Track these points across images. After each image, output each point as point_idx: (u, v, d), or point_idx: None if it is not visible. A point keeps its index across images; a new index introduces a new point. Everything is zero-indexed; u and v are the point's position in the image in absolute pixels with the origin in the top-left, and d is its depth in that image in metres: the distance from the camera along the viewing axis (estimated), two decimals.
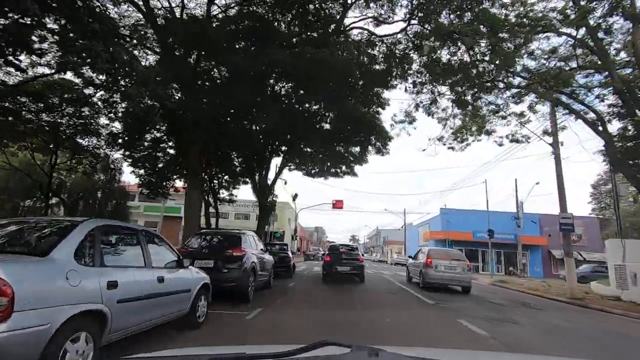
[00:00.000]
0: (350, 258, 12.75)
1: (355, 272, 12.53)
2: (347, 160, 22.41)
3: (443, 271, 11.38)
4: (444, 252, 12.69)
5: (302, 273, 16.73)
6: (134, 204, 36.50)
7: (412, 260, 14.31)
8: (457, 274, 11.43)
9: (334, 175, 23.46)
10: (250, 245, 8.22)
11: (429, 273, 11.40)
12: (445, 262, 11.53)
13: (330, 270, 12.53)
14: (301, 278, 13.91)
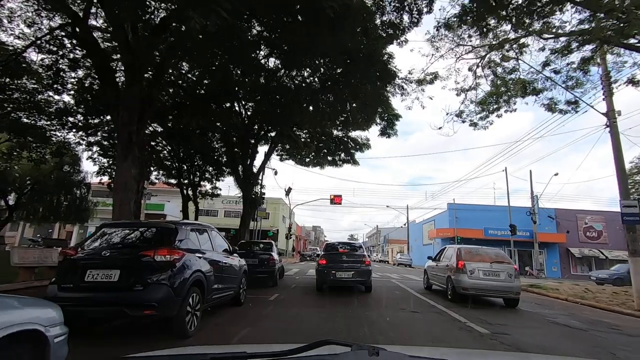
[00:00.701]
0: (353, 260, 9.52)
1: (359, 279, 9.33)
2: (347, 145, 19.43)
3: (482, 278, 8.42)
4: (482, 251, 9.42)
5: (293, 278, 13.68)
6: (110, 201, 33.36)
7: (432, 263, 11.15)
8: (501, 281, 8.41)
9: (331, 164, 20.46)
10: (195, 243, 5.17)
11: (462, 280, 8.45)
12: (484, 266, 8.56)
13: (325, 277, 9.32)
14: (289, 286, 10.87)
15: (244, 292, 7.22)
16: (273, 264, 10.31)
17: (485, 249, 9.70)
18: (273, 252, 10.91)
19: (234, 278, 6.55)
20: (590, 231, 32.02)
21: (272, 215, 36.65)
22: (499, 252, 9.75)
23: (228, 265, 6.26)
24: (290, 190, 27.90)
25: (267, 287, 10.09)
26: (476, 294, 8.49)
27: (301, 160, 20.89)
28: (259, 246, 11.62)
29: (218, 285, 5.63)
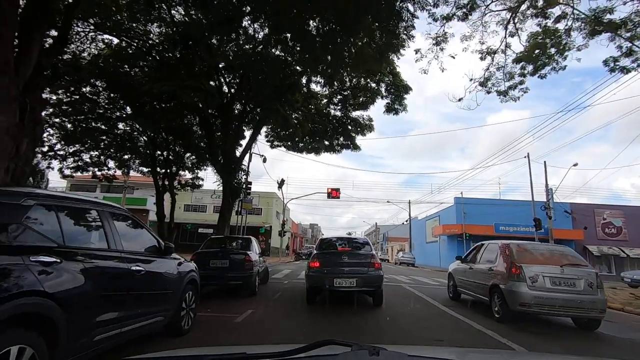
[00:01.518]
0: (357, 263, 6.88)
1: (366, 288, 6.75)
2: (346, 128, 16.83)
3: (549, 288, 5.75)
4: (543, 250, 6.76)
5: (280, 283, 11.07)
6: (90, 195, 30.62)
7: (461, 265, 8.36)
8: (579, 293, 5.73)
9: (329, 150, 17.85)
10: (51, 235, 2.55)
11: (519, 292, 5.77)
12: (553, 271, 5.89)
13: (319, 285, 6.73)
14: (272, 296, 8.27)
15: (189, 313, 4.62)
16: (250, 267, 7.68)
17: (547, 246, 6.94)
18: (251, 250, 8.28)
19: (163, 295, 3.97)
20: (609, 227, 29.62)
21: (265, 211, 34.02)
22: (567, 250, 6.87)
23: (149, 275, 3.65)
24: (284, 182, 25.28)
25: (241, 297, 7.51)
26: (542, 312, 5.83)
27: (294, 146, 18.29)
28: (233, 243, 8.99)
29: (116, 314, 3.04)
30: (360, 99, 16.03)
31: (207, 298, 7.42)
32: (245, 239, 8.98)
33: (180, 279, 4.38)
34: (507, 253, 6.46)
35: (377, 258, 7.16)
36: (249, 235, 9.73)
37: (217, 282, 7.66)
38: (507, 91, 11.36)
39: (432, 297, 8.75)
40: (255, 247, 8.75)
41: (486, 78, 11.57)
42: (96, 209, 3.30)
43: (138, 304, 3.44)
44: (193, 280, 4.78)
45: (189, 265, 4.78)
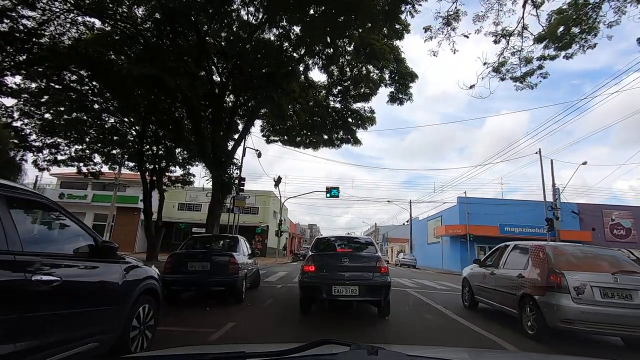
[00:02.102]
0: (360, 267, 5.86)
1: (372, 297, 5.68)
2: (346, 121, 15.78)
3: (600, 302, 4.60)
4: (588, 253, 5.56)
5: (273, 288, 10.01)
6: (80, 192, 29.55)
7: (479, 269, 7.27)
8: (636, 308, 4.53)
9: (327, 144, 16.80)
10: None
11: (562, 305, 4.65)
12: (603, 279, 4.72)
13: (316, 292, 5.71)
14: (261, 304, 7.22)
15: (145, 332, 3.56)
16: (235, 271, 6.61)
17: (593, 249, 5.76)
18: (237, 251, 7.21)
19: (99, 313, 2.90)
20: (617, 228, 28.62)
21: (261, 210, 32.92)
22: (619, 254, 5.83)
23: (71, 287, 2.59)
24: (280, 180, 24.22)
25: (225, 306, 6.45)
26: (589, 330, 4.63)
27: (291, 140, 17.23)
28: (217, 243, 7.93)
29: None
30: (362, 90, 15.02)
31: (183, 307, 6.37)
32: (232, 238, 7.90)
33: (128, 289, 3.31)
34: (541, 257, 5.36)
35: (383, 261, 6.08)
36: (236, 235, 8.66)
37: (197, 288, 6.60)
38: (524, 77, 10.34)
39: (444, 306, 7.68)
40: (242, 248, 7.68)
41: (500, 63, 10.54)
42: None
43: (47, 329, 2.37)
44: (151, 289, 3.71)
45: (145, 271, 3.70)
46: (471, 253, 27.82)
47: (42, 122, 13.42)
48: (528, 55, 10.29)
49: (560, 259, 5.23)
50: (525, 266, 5.65)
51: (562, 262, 5.14)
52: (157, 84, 10.28)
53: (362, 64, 13.92)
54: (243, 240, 8.33)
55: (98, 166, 18.32)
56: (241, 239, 8.15)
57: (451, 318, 6.44)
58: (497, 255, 6.87)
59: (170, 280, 6.41)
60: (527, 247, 5.98)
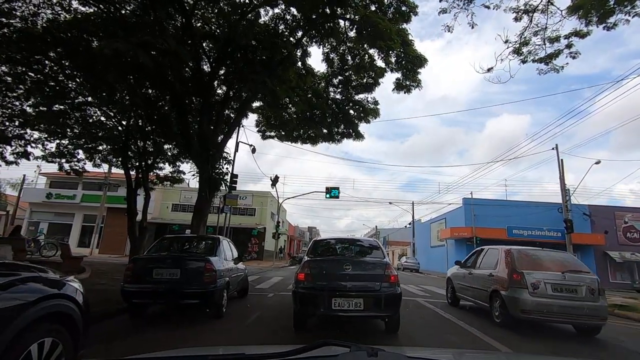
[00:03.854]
0: (365, 275, 4.90)
1: (380, 313, 4.68)
2: (347, 113, 14.58)
3: (551, 295, 5.74)
4: (544, 256, 6.61)
5: (263, 297, 8.76)
6: (69, 192, 28.31)
7: (460, 270, 8.39)
8: (580, 300, 5.71)
9: (327, 139, 15.59)
10: None
11: (521, 298, 5.76)
12: (554, 277, 5.88)
13: (312, 305, 4.69)
14: (245, 318, 5.97)
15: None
16: (211, 279, 5.35)
17: (548, 252, 6.88)
18: (216, 255, 5.95)
19: None
20: (631, 232, 27.34)
21: (258, 211, 31.64)
22: (569, 256, 7.28)
23: None
24: (277, 179, 22.99)
25: (198, 323, 5.20)
26: (542, 319, 5.77)
27: (288, 135, 16.02)
28: (192, 245, 6.68)
29: None
30: (364, 80, 13.85)
31: (144, 326, 5.12)
32: (212, 239, 6.61)
33: (7, 317, 2.07)
34: (508, 259, 6.44)
35: (393, 269, 5.03)
36: (218, 235, 7.40)
37: (163, 301, 5.36)
38: (549, 58, 9.14)
39: (468, 323, 6.41)
40: (224, 251, 6.42)
41: (522, 42, 9.36)
42: None
43: None
44: (59, 315, 2.47)
45: (49, 286, 2.47)
46: None
47: (10, 110, 12.19)
48: (553, 34, 9.14)
49: (522, 261, 6.27)
50: (495, 267, 6.69)
51: (523, 263, 6.19)
52: (133, 65, 9.07)
53: (364, 52, 12.79)
54: (227, 242, 7.09)
55: (82, 163, 17.19)
56: (224, 240, 6.90)
57: (463, 329, 5.17)
58: (474, 258, 7.93)
59: (131, 291, 5.18)
60: (498, 250, 6.97)
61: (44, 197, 27.64)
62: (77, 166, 17.12)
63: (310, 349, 1.07)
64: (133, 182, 15.28)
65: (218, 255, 5.97)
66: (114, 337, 4.40)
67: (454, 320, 6.47)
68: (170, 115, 13.16)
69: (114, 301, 5.94)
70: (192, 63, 11.13)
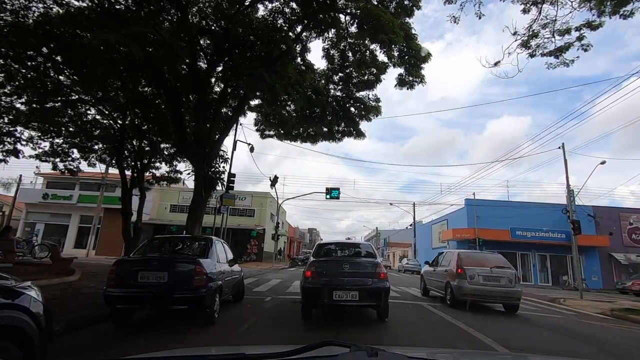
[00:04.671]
0: (360, 272, 6.01)
1: (371, 302, 5.95)
2: (348, 111, 14.20)
3: (482, 284, 8.29)
4: (481, 257, 9.73)
5: (260, 301, 8.34)
6: (65, 193, 27.92)
7: (429, 268, 10.88)
8: (501, 286, 8.31)
9: (327, 137, 15.20)
10: None
11: (462, 286, 8.27)
12: (484, 271, 8.45)
13: (317, 296, 5.79)
14: (238, 326, 5.57)
15: None
16: (202, 284, 4.95)
17: (485, 254, 10.42)
18: (208, 257, 5.55)
19: None
20: (636, 233, 26.90)
21: (258, 212, 31.23)
22: (499, 256, 9.50)
23: None
24: (277, 180, 22.60)
25: (186, 332, 4.80)
26: (476, 300, 8.27)
27: (287, 134, 15.63)
28: (183, 246, 6.28)
29: None
30: (366, 77, 13.48)
31: (129, 334, 4.72)
32: (204, 240, 6.19)
33: None
34: (457, 259, 8.87)
35: (382, 267, 6.31)
36: (210, 236, 6.99)
37: (149, 306, 4.95)
38: (559, 51, 8.76)
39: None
40: (217, 253, 6.00)
41: (531, 35, 8.98)
42: None
43: None
44: (5, 328, 2.08)
45: None
46: None
47: (1, 107, 11.82)
48: (562, 27, 8.76)
49: (465, 260, 8.80)
50: (449, 264, 9.15)
51: (466, 262, 8.68)
52: (126, 59, 8.70)
53: (365, 48, 12.43)
54: (221, 243, 6.69)
55: (76, 162, 16.83)
56: (217, 241, 6.50)
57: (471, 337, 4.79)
58: (437, 259, 10.52)
59: (114, 295, 4.78)
60: (453, 252, 9.58)
61: (40, 197, 27.25)
62: (72, 165, 16.79)
63: (310, 349, 1.07)
64: (128, 181, 14.92)
65: (210, 257, 5.56)
66: (91, 347, 4.00)
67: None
68: (167, 113, 12.80)
69: (99, 306, 5.53)
70: (189, 59, 10.77)
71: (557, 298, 13.68)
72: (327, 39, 12.80)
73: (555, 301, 12.99)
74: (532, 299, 12.99)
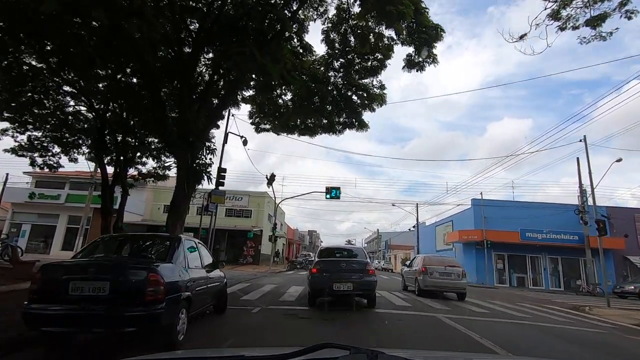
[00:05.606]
0: (353, 270, 7.83)
1: (361, 292, 7.74)
2: (350, 100, 12.99)
3: (438, 278, 11.51)
4: (439, 259, 13.08)
5: (244, 313, 7.06)
6: (53, 192, 26.69)
7: (407, 268, 14.35)
8: (452, 280, 11.52)
9: (327, 130, 13.98)
10: None
11: (424, 280, 11.59)
12: (440, 269, 11.68)
13: (322, 287, 7.48)
14: (210, 346, 4.25)
15: None
16: (158, 297, 3.68)
17: (442, 257, 13.60)
18: (170, 261, 4.28)
19: None
20: None
21: (255, 213, 29.95)
22: (452, 259, 14.06)
23: None
24: (274, 178, 21.33)
25: (148, 352, 3.55)
26: (434, 290, 11.48)
27: (283, 126, 14.39)
28: (139, 247, 4.99)
29: None
30: (369, 63, 12.28)
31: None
32: (169, 240, 4.87)
33: None
34: (422, 260, 12.45)
35: (371, 265, 8.09)
36: (179, 235, 5.73)
37: (83, 329, 3.69)
38: (597, 21, 7.54)
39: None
40: (186, 256, 4.72)
41: (562, 3, 7.79)
42: None
43: None
44: None
45: None
46: (488, 262, 24.83)
47: None
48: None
49: (427, 261, 12.26)
50: (418, 264, 12.41)
51: (428, 262, 12.12)
52: (87, 26, 7.47)
53: (369, 30, 11.22)
54: (195, 244, 5.43)
55: (57, 157, 15.63)
56: (189, 241, 5.24)
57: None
58: (411, 261, 14.43)
59: (36, 314, 3.52)
60: (421, 256, 14.13)
61: (27, 197, 26.01)
62: (52, 161, 15.61)
63: (309, 352, 1.06)
64: (110, 178, 13.71)
65: (174, 262, 4.30)
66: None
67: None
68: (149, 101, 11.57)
69: None
70: (171, 37, 9.58)
71: (580, 306, 12.39)
72: (328, 20, 11.65)
73: (579, 309, 11.71)
74: (552, 307, 11.70)
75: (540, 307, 11.46)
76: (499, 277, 25.62)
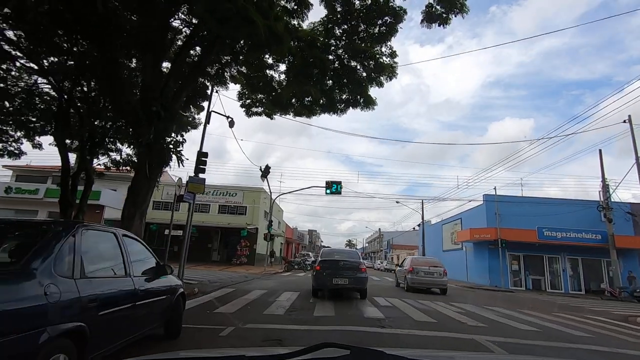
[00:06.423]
0: (349, 267, 9.73)
1: (355, 286, 9.68)
2: (353, 73, 11.02)
3: (423, 276, 13.46)
4: (424, 260, 15.33)
5: (208, 337, 5.05)
6: (31, 186, 24.75)
7: (399, 268, 16.68)
8: (434, 278, 13.48)
9: (328, 109, 12.01)
10: None
11: (412, 278, 13.53)
12: (425, 268, 13.67)
13: (323, 282, 9.48)
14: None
15: None
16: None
17: (428, 258, 16.61)
18: (21, 268, 2.28)
19: None
20: None
21: (250, 210, 27.96)
22: (436, 259, 15.73)
23: None
24: (268, 170, 19.37)
25: None
26: (420, 287, 13.41)
27: (276, 104, 12.41)
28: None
29: None
30: (377, 29, 10.33)
31: None
32: (46, 231, 2.77)
33: None
34: (410, 261, 14.66)
35: (364, 265, 10.23)
36: (71, 221, 3.79)
37: None
38: None
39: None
40: (70, 259, 2.71)
41: None
42: None
43: None
44: None
45: None
46: (503, 262, 22.80)
47: None
48: None
49: (414, 261, 14.55)
50: (407, 265, 14.45)
51: (415, 263, 14.33)
52: None
53: None
54: (116, 240, 3.45)
55: (18, 144, 13.77)
56: (98, 233, 3.27)
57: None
58: (403, 262, 16.32)
59: None
60: (409, 257, 16.27)
61: (3, 191, 24.09)
62: (13, 147, 13.79)
63: (310, 351, 1.06)
64: (73, 166, 11.80)
65: (35, 268, 2.31)
66: None
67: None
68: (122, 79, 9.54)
69: None
70: None
71: (630, 316, 10.38)
72: None
73: (628, 321, 9.72)
74: (598, 319, 9.63)
75: (585, 318, 9.45)
76: (513, 279, 23.63)
